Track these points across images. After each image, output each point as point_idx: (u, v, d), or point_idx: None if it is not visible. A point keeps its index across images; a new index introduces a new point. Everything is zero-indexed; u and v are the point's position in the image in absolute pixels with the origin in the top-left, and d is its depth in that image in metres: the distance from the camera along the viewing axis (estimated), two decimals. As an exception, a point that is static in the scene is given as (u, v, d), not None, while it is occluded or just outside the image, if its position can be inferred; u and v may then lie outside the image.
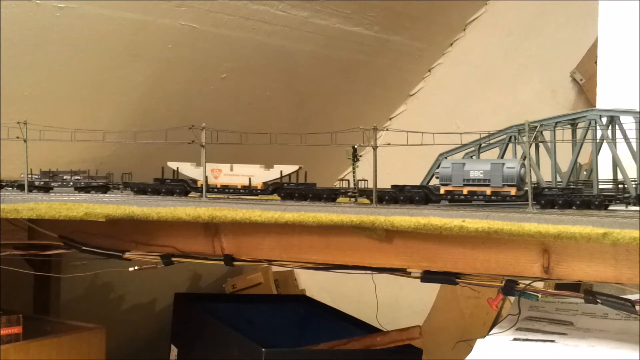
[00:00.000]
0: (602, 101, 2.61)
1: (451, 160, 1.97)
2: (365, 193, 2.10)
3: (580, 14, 3.62)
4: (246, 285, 3.88)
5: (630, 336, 1.73)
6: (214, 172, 2.27)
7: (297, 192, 2.20)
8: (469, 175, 1.92)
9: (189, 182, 2.33)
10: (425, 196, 2.00)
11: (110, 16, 2.69)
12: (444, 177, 1.96)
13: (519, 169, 1.88)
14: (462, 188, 1.93)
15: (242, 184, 2.26)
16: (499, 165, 1.89)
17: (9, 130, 2.22)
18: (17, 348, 2.43)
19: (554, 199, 1.84)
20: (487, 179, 1.90)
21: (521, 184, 1.89)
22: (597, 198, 1.81)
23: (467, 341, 1.87)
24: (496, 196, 1.89)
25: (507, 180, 1.88)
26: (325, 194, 2.16)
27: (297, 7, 3.19)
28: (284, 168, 2.22)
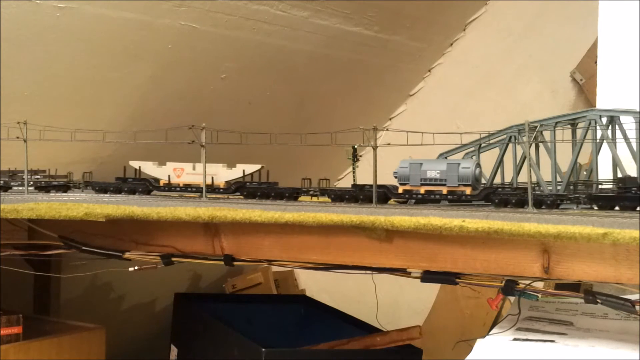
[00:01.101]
0: (602, 101, 2.61)
1: (409, 161, 2.01)
2: (327, 192, 2.15)
3: (580, 14, 3.62)
4: (246, 285, 3.88)
5: (630, 336, 1.73)
6: (176, 171, 2.30)
7: (259, 191, 2.24)
8: (426, 175, 1.98)
9: (151, 180, 2.35)
10: (384, 195, 2.05)
11: (110, 16, 2.69)
12: (402, 177, 2.01)
13: (473, 169, 1.94)
14: (420, 187, 1.98)
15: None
16: (454, 165, 1.94)
17: (9, 130, 2.22)
18: (17, 348, 2.43)
19: (507, 198, 1.89)
20: (443, 179, 1.95)
21: (476, 184, 1.94)
22: (549, 197, 1.85)
23: (467, 341, 1.87)
24: (452, 195, 1.95)
25: (462, 180, 1.94)
26: (287, 193, 2.20)
27: (297, 7, 3.19)
28: (246, 167, 2.26)
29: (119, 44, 2.80)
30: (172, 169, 2.30)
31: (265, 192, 2.23)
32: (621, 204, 1.76)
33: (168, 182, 2.32)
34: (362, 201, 2.06)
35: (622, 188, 1.82)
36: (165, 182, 2.32)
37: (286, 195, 2.20)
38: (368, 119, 3.69)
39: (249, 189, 2.27)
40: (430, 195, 1.97)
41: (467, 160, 1.98)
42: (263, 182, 2.30)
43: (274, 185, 2.27)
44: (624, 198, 1.76)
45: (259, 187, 2.26)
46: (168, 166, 2.33)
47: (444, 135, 1.92)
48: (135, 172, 2.39)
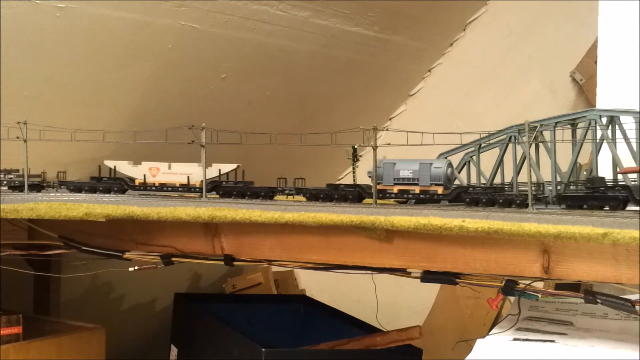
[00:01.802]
0: (602, 101, 2.61)
1: (382, 161, 2.04)
2: (302, 191, 2.17)
3: (580, 14, 3.62)
4: (246, 285, 3.88)
5: (630, 336, 1.73)
6: (151, 171, 2.31)
7: (235, 190, 2.26)
8: (399, 174, 2.01)
9: (126, 180, 2.37)
10: (358, 194, 2.08)
11: (110, 16, 2.69)
12: (376, 177, 2.03)
13: (445, 169, 1.97)
14: (393, 187, 2.01)
15: (180, 182, 2.30)
16: (426, 165, 1.98)
17: (9, 130, 2.22)
18: (17, 348, 2.43)
19: (478, 198, 1.92)
20: (415, 178, 1.99)
21: (447, 183, 1.98)
22: (518, 197, 1.88)
23: (467, 341, 1.87)
24: (424, 194, 1.98)
25: (434, 180, 1.97)
26: (263, 192, 2.22)
27: (297, 7, 3.19)
28: (222, 166, 2.27)
29: (119, 44, 2.80)
30: (148, 168, 2.32)
31: (241, 191, 2.26)
32: (589, 203, 1.80)
33: (144, 182, 2.34)
34: (337, 200, 2.09)
35: (590, 188, 1.86)
36: (141, 181, 2.34)
37: (262, 194, 2.23)
38: (368, 119, 3.68)
39: (225, 188, 2.29)
40: (403, 194, 2.00)
41: (440, 160, 2.01)
42: (239, 182, 2.32)
43: (249, 184, 2.30)
44: (592, 197, 1.80)
45: (234, 187, 2.28)
46: (143, 165, 2.34)
47: (444, 135, 1.92)
48: (110, 172, 2.40)
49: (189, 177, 2.29)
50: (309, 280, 4.15)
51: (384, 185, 2.03)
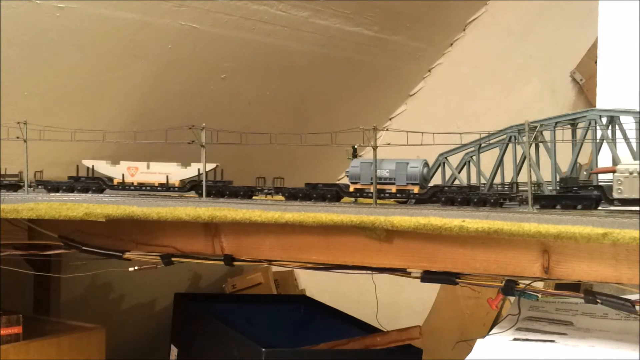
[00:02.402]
0: (602, 101, 2.61)
1: (360, 160, 2.06)
2: (281, 191, 2.19)
3: (580, 14, 3.62)
4: (246, 285, 3.88)
5: (630, 336, 1.73)
6: (130, 170, 2.32)
7: (214, 190, 2.27)
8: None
9: (104, 179, 2.37)
10: (336, 194, 2.10)
11: (110, 16, 2.69)
12: (353, 176, 2.06)
13: (421, 169, 2.00)
14: (370, 186, 2.03)
15: (159, 181, 2.31)
16: (403, 164, 2.00)
17: (9, 130, 2.22)
18: (17, 348, 2.43)
19: (453, 197, 1.95)
20: (392, 178, 2.01)
21: (423, 183, 2.01)
22: (492, 196, 1.91)
23: (467, 341, 1.87)
24: (401, 194, 2.01)
25: (410, 179, 2.00)
26: (242, 191, 2.23)
27: (297, 7, 3.19)
28: (201, 166, 2.27)
29: (119, 44, 2.80)
30: (126, 168, 2.32)
31: (220, 190, 2.27)
32: (562, 202, 1.82)
33: (122, 181, 2.34)
34: (315, 199, 2.11)
35: (563, 188, 1.88)
36: (119, 181, 2.34)
37: (241, 193, 2.24)
38: (368, 119, 3.68)
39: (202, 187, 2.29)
40: (381, 193, 2.02)
41: (416, 160, 2.03)
42: (218, 181, 2.32)
43: (228, 183, 2.31)
44: (565, 197, 1.82)
45: (213, 186, 2.29)
46: (122, 165, 2.35)
47: (444, 135, 1.92)
48: (88, 171, 2.40)
49: (168, 177, 2.30)
50: (309, 280, 4.15)
51: (361, 184, 2.05)
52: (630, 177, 1.69)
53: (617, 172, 1.72)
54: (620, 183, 1.71)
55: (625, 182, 1.70)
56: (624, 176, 1.70)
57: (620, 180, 1.71)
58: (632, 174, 1.69)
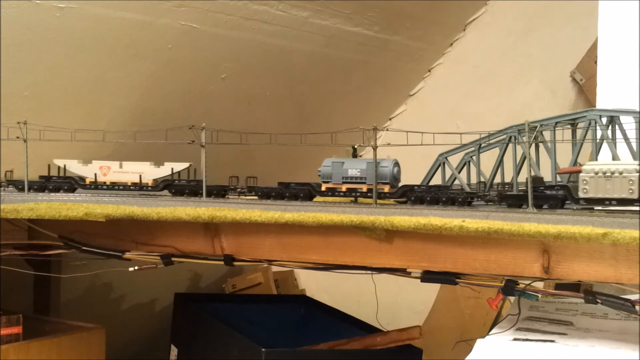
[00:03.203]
0: (602, 101, 2.61)
1: (331, 160, 2.09)
2: (254, 190, 2.22)
3: (580, 14, 3.62)
4: (246, 285, 3.88)
5: (630, 336, 1.73)
6: (102, 170, 2.32)
7: (187, 189, 2.29)
8: (347, 173, 2.06)
9: (76, 179, 2.37)
10: (309, 193, 2.12)
11: (110, 16, 2.69)
12: (325, 175, 2.09)
13: (391, 168, 2.02)
14: (341, 185, 2.06)
15: (132, 181, 2.33)
16: (374, 164, 2.01)
17: (9, 130, 2.22)
18: (17, 348, 2.43)
19: (422, 196, 1.98)
20: (363, 177, 2.03)
21: (394, 182, 2.03)
22: (460, 195, 1.94)
23: (467, 341, 1.87)
24: (372, 193, 2.02)
25: (381, 178, 2.01)
26: (215, 191, 2.25)
27: (297, 7, 3.19)
28: (174, 165, 2.30)
29: (119, 44, 2.80)
30: (99, 167, 2.33)
31: (193, 189, 2.28)
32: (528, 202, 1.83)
33: (94, 181, 2.34)
34: (288, 198, 2.13)
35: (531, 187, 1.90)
36: (92, 180, 2.34)
37: (214, 192, 2.25)
38: (368, 119, 3.69)
39: (177, 186, 2.32)
40: (352, 192, 2.05)
41: (386, 159, 2.05)
42: (191, 180, 2.34)
43: (201, 182, 2.31)
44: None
45: (187, 185, 2.31)
46: (94, 164, 2.35)
47: (444, 135, 1.92)
48: (59, 170, 2.41)
49: (141, 176, 2.32)
50: (309, 280, 4.15)
51: (333, 183, 2.08)
52: (596, 177, 1.72)
53: (582, 172, 1.75)
54: (585, 183, 1.74)
55: (590, 182, 1.73)
56: (589, 176, 1.73)
57: (586, 180, 1.74)
58: (598, 174, 1.72)
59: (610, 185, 1.71)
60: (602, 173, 1.72)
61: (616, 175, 1.71)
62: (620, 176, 1.70)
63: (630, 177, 1.69)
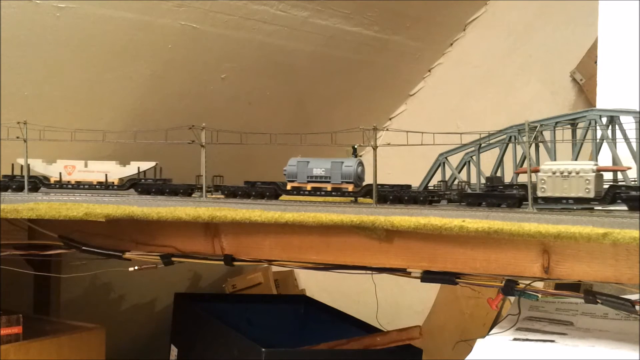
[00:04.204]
0: (602, 101, 2.61)
1: (297, 159, 2.12)
2: (220, 188, 2.24)
3: (580, 14, 3.62)
4: (246, 285, 3.88)
5: (630, 336, 1.73)
6: (67, 169, 2.33)
7: (153, 188, 2.31)
8: (312, 172, 2.09)
9: (40, 178, 2.37)
10: (274, 191, 2.16)
11: (110, 16, 2.69)
12: (290, 175, 2.12)
13: (355, 168, 2.06)
14: (306, 184, 2.10)
15: (97, 180, 2.34)
16: (338, 164, 2.06)
17: (9, 130, 2.22)
18: (17, 348, 2.43)
19: (385, 195, 2.02)
20: (328, 176, 2.07)
21: (358, 181, 2.07)
22: (422, 194, 1.98)
23: (467, 341, 1.87)
24: (336, 192, 2.07)
25: (345, 178, 2.06)
26: (182, 189, 2.27)
27: (297, 7, 3.19)
28: (141, 164, 2.33)
29: (119, 43, 2.80)
30: (63, 166, 2.33)
31: (160, 188, 2.30)
32: (488, 200, 1.88)
33: (59, 180, 2.35)
34: (255, 197, 2.16)
35: (489, 186, 1.96)
36: (56, 179, 2.35)
37: (180, 191, 2.27)
38: (368, 119, 3.68)
39: (143, 185, 2.33)
40: (317, 191, 2.09)
41: (350, 159, 2.09)
42: (158, 179, 2.36)
43: (168, 181, 2.35)
44: (490, 196, 1.89)
45: (153, 184, 2.32)
46: (59, 164, 2.36)
47: (444, 135, 1.92)
48: (21, 170, 2.39)
49: (107, 175, 2.33)
50: (309, 280, 4.15)
51: (298, 182, 2.11)
52: (554, 177, 1.76)
53: (540, 172, 1.79)
54: (544, 182, 1.78)
55: (548, 182, 1.77)
56: (547, 176, 1.78)
57: (544, 180, 1.78)
58: (555, 174, 1.76)
59: (567, 185, 1.75)
60: (559, 173, 1.76)
61: (573, 175, 1.75)
62: (577, 176, 1.75)
63: (586, 177, 1.74)
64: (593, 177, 1.73)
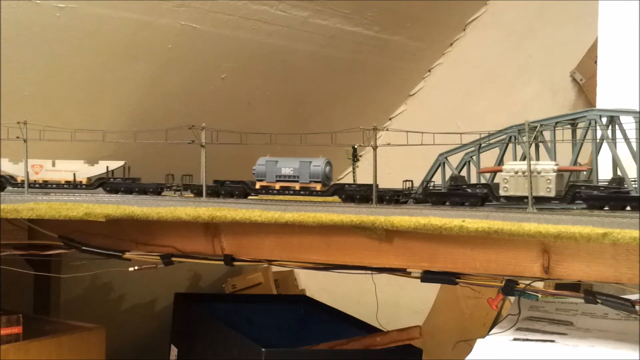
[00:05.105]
0: (602, 101, 2.61)
1: (265, 159, 2.16)
2: (189, 187, 2.27)
3: (580, 14, 3.62)
4: (246, 285, 3.88)
5: (630, 336, 1.73)
6: (34, 168, 2.34)
7: (122, 187, 2.34)
8: (280, 172, 2.14)
9: (7, 177, 2.38)
10: (243, 190, 2.20)
11: (110, 16, 2.69)
12: (259, 174, 2.16)
13: (323, 167, 2.10)
14: (275, 183, 2.14)
15: (65, 179, 2.35)
16: (306, 163, 2.11)
17: (9, 130, 2.22)
18: (17, 348, 2.43)
19: (352, 194, 2.07)
20: (296, 176, 2.12)
21: (326, 181, 2.11)
22: (387, 193, 2.02)
23: (467, 341, 1.87)
24: (304, 191, 2.11)
25: (313, 177, 2.11)
26: (151, 188, 2.30)
27: (297, 7, 3.19)
28: (110, 163, 2.35)
29: (119, 44, 2.80)
30: (31, 165, 2.33)
31: (129, 187, 2.32)
32: (451, 199, 1.94)
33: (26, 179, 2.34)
34: (224, 196, 2.19)
35: (453, 186, 1.99)
36: (23, 179, 2.34)
37: (150, 190, 2.29)
38: (368, 119, 3.68)
39: (112, 184, 2.35)
40: (285, 191, 2.12)
41: (318, 159, 2.12)
42: (127, 178, 2.38)
43: (137, 180, 2.37)
44: (454, 194, 1.94)
45: (122, 183, 2.34)
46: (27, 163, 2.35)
47: (444, 135, 1.92)
48: None
49: (75, 174, 2.34)
50: (309, 280, 4.15)
51: (267, 182, 2.15)
52: (516, 177, 1.81)
53: (503, 172, 1.84)
54: (506, 182, 1.83)
55: (510, 181, 1.83)
56: (509, 175, 1.83)
57: (506, 179, 1.83)
58: (517, 174, 1.81)
59: None
60: (521, 172, 1.81)
61: (535, 175, 1.80)
62: (539, 175, 1.80)
63: (547, 177, 1.79)
64: (554, 176, 1.78)
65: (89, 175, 2.36)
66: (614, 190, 1.82)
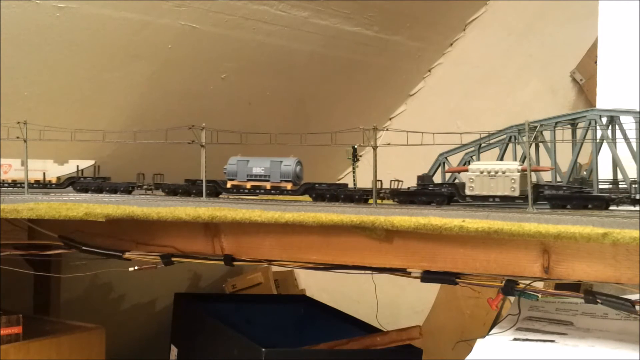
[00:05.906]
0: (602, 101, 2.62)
1: (237, 158, 2.19)
2: (161, 186, 2.29)
3: (580, 14, 3.62)
4: (246, 285, 3.88)
5: (630, 336, 1.73)
6: (3, 167, 2.33)
7: (93, 186, 2.35)
8: (252, 171, 2.16)
9: None
10: (214, 189, 2.22)
11: (110, 16, 2.69)
12: (231, 173, 2.18)
13: (294, 167, 2.13)
14: (246, 183, 2.16)
15: (35, 178, 2.37)
16: (277, 163, 2.13)
17: (9, 130, 2.22)
18: (17, 348, 2.43)
19: (322, 193, 2.10)
20: (267, 175, 2.14)
21: (296, 180, 2.14)
22: (357, 192, 2.05)
23: (467, 341, 1.87)
24: (275, 190, 2.13)
25: (284, 176, 2.13)
26: (122, 187, 2.32)
27: (297, 7, 3.19)
28: (80, 163, 2.37)
29: (119, 43, 2.80)
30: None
31: (99, 187, 2.34)
32: (418, 198, 1.97)
33: None
34: (195, 195, 2.21)
35: (420, 185, 2.03)
36: None
37: (121, 189, 2.31)
38: (368, 119, 3.69)
39: (82, 184, 2.36)
40: (256, 190, 2.15)
41: (289, 158, 2.15)
42: (98, 177, 2.39)
43: (107, 179, 2.39)
44: (421, 194, 1.98)
45: (93, 182, 2.36)
46: None
47: (444, 135, 1.92)
48: None
49: (45, 174, 2.36)
50: (309, 280, 4.15)
51: (238, 181, 2.17)
52: (481, 176, 1.85)
53: (469, 172, 1.87)
54: (472, 181, 1.86)
55: (476, 180, 1.86)
56: (475, 175, 1.86)
57: (472, 179, 1.86)
58: (483, 173, 1.84)
59: (494, 184, 1.84)
60: (487, 172, 1.84)
61: (499, 175, 1.83)
62: (503, 175, 1.83)
63: (512, 177, 1.82)
64: (518, 176, 1.81)
65: (59, 174, 2.38)
66: (576, 190, 1.85)
